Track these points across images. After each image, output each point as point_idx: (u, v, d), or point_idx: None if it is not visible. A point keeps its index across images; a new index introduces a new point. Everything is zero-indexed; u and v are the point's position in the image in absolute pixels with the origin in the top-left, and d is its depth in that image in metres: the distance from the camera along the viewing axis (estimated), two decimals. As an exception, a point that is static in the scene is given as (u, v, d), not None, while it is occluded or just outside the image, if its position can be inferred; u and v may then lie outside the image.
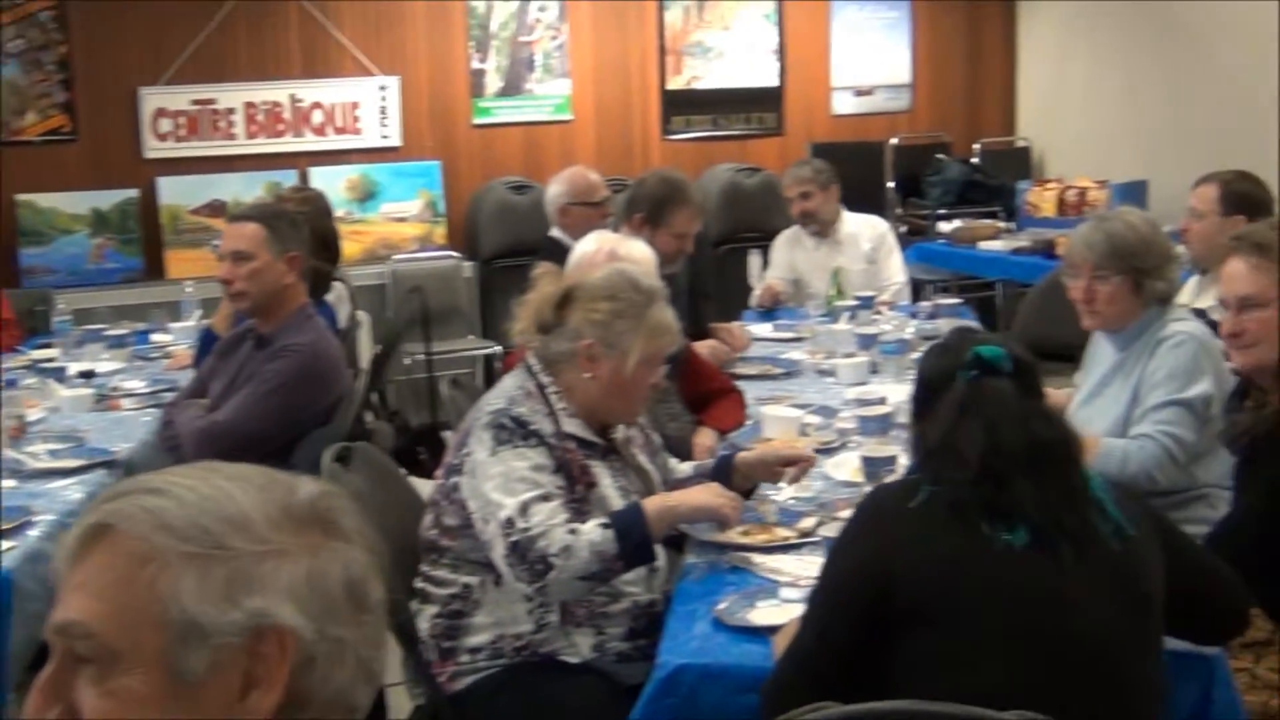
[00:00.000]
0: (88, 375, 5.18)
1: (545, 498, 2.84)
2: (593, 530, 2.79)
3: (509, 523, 2.79)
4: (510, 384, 3.06)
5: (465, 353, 8.11)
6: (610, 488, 3.03)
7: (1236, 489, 3.08)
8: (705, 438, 4.08)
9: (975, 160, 9.62)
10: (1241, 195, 4.68)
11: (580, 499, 2.95)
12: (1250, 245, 2.98)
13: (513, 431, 2.91)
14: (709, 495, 3.03)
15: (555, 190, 5.52)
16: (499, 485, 2.84)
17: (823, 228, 6.47)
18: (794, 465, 3.32)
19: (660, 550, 3.02)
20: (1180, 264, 5.77)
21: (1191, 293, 4.63)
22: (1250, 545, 2.84)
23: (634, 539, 2.80)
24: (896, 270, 6.57)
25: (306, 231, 4.32)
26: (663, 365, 3.11)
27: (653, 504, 2.93)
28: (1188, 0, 8.43)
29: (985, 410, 2.23)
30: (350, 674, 1.31)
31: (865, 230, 6.55)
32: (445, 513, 3.00)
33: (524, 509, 2.80)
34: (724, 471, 3.33)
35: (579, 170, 5.65)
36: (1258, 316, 2.94)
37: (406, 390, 7.57)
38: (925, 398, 2.38)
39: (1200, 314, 3.92)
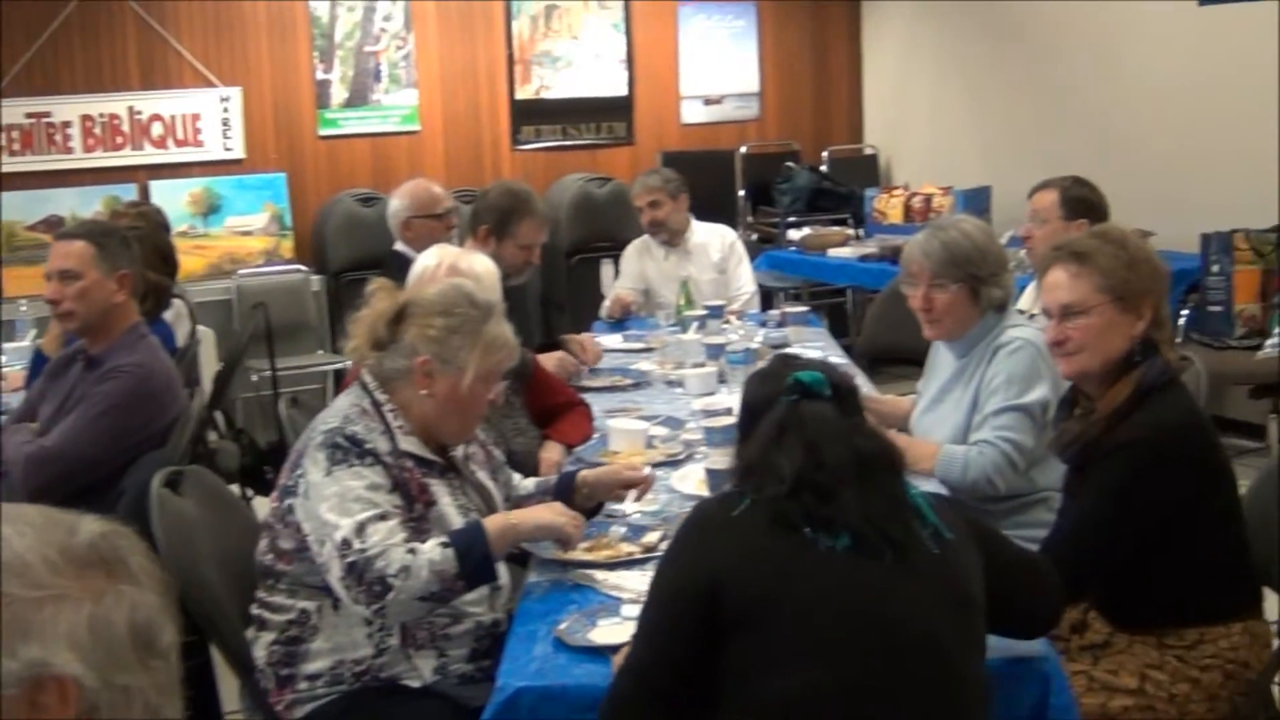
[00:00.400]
0: (-84, 400, 5.00)
1: (382, 517, 2.77)
2: (432, 549, 2.73)
3: (345, 544, 2.71)
4: (345, 403, 2.99)
5: (314, 368, 8.00)
6: (450, 506, 2.97)
7: (1066, 496, 3.11)
8: (551, 452, 4.03)
9: (824, 168, 9.71)
10: (1080, 200, 4.78)
11: (419, 518, 2.89)
12: (1070, 254, 3.02)
13: (348, 450, 2.84)
14: (551, 514, 2.99)
15: (397, 204, 5.45)
16: (334, 506, 2.77)
17: (672, 237, 6.47)
18: (634, 486, 3.29)
19: (503, 569, 2.97)
20: (1015, 271, 5.91)
21: (1031, 298, 4.70)
22: (1085, 551, 2.88)
23: (474, 558, 2.75)
24: (746, 280, 6.59)
25: (138, 249, 4.19)
26: (501, 381, 3.05)
27: (494, 522, 2.87)
28: (1027, 6, 8.60)
29: (805, 430, 2.27)
30: None
31: (715, 240, 6.57)
32: (280, 536, 2.92)
33: (360, 529, 2.73)
34: (566, 489, 3.30)
35: (421, 183, 5.58)
36: (1080, 324, 2.98)
37: (254, 408, 7.42)
38: (747, 422, 2.41)
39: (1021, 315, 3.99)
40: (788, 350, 4.12)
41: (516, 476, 3.46)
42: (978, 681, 2.24)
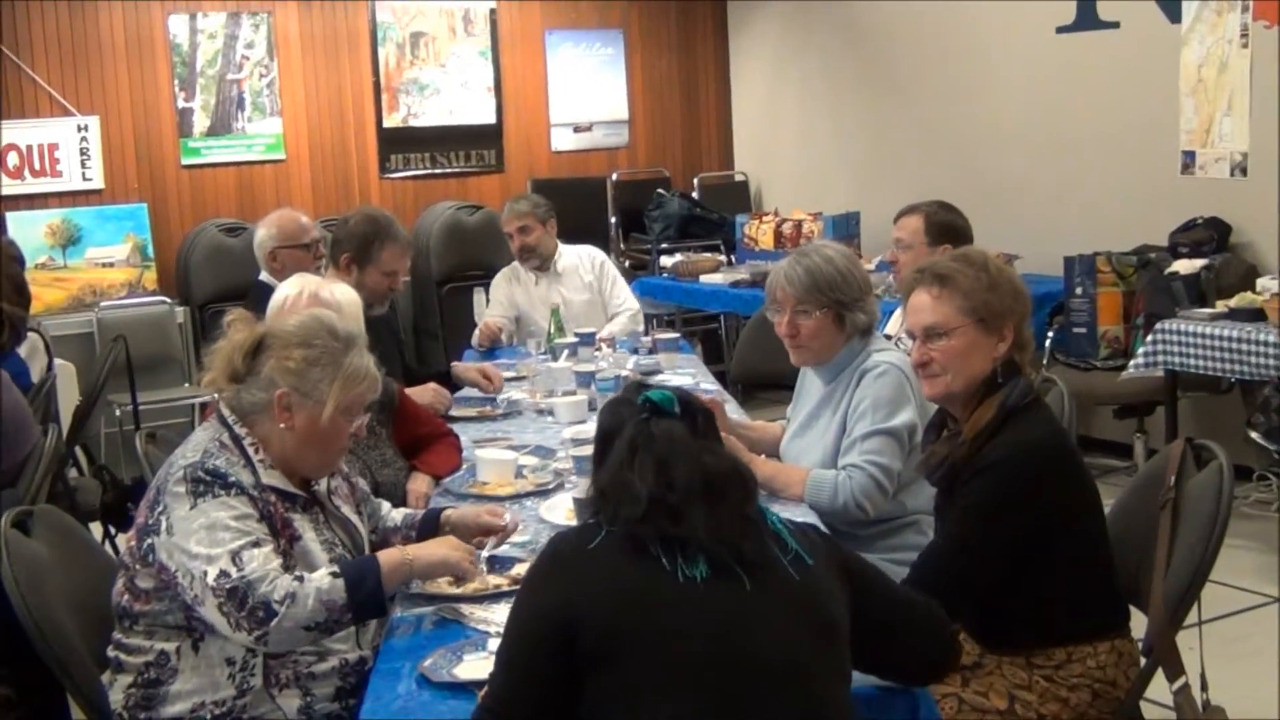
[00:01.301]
0: None
1: (256, 544, 2.70)
2: (322, 578, 2.68)
3: (222, 574, 2.64)
4: (203, 437, 2.91)
5: (180, 402, 7.85)
6: (314, 541, 2.91)
7: (937, 519, 3.12)
8: (419, 483, 3.98)
9: (695, 194, 9.74)
10: (944, 225, 4.83)
11: (284, 554, 2.81)
12: (932, 276, 3.05)
13: (210, 483, 2.76)
14: (446, 549, 2.94)
15: (262, 234, 5.34)
16: (204, 538, 2.69)
17: (543, 262, 6.47)
18: (494, 533, 3.25)
19: (381, 605, 2.91)
20: (884, 295, 5.97)
21: (898, 323, 4.74)
22: (952, 573, 2.88)
23: (364, 591, 2.70)
24: (626, 295, 6.69)
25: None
26: (363, 414, 2.99)
27: (389, 557, 2.82)
28: (892, 35, 8.71)
29: (655, 448, 2.26)
30: None
31: (584, 261, 6.61)
32: (138, 576, 2.82)
33: (235, 557, 2.66)
34: (431, 525, 3.27)
35: (287, 212, 5.48)
36: (942, 346, 3.00)
37: (118, 443, 7.25)
38: (601, 450, 2.39)
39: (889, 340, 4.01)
40: (641, 379, 4.13)
41: (385, 506, 3.41)
42: (842, 709, 2.22)
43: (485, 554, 3.20)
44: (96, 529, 5.46)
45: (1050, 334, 6.79)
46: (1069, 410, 3.83)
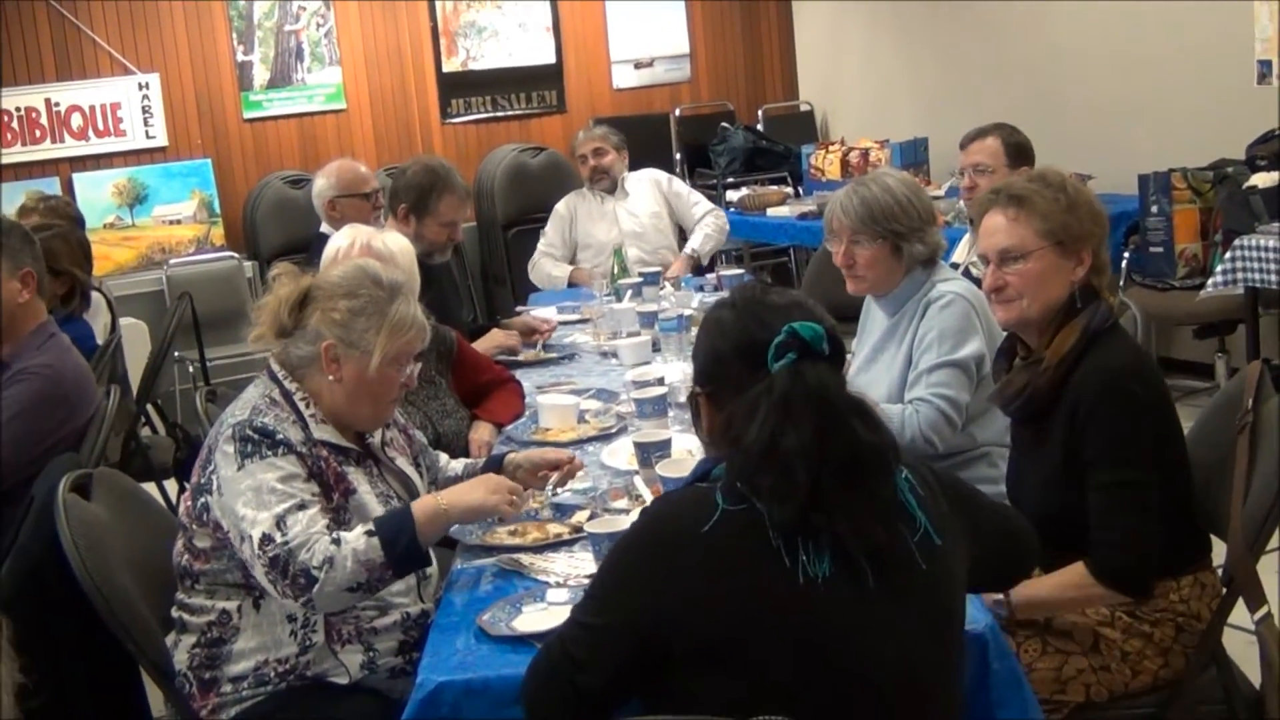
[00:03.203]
0: None
1: (301, 506, 2.67)
2: (357, 539, 2.64)
3: (266, 539, 2.61)
4: (253, 394, 2.88)
5: (253, 356, 7.84)
6: (369, 495, 2.87)
7: (1019, 450, 3.01)
8: (482, 432, 3.95)
9: (759, 127, 9.61)
10: (1021, 145, 4.81)
11: (338, 508, 2.79)
12: (1008, 197, 2.91)
13: (258, 442, 2.73)
14: (483, 493, 2.87)
15: (321, 184, 5.32)
16: (251, 500, 2.66)
17: (612, 184, 6.62)
18: (557, 470, 3.20)
19: (431, 556, 2.87)
20: (954, 222, 5.84)
21: (966, 249, 4.65)
22: (1056, 511, 2.77)
23: (401, 546, 2.65)
24: (700, 198, 6.83)
25: (39, 247, 4.02)
26: (414, 363, 2.94)
27: (424, 507, 2.77)
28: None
29: (811, 412, 1.94)
30: None
31: (648, 180, 6.75)
32: (196, 536, 2.81)
33: (279, 522, 2.63)
34: (493, 472, 3.21)
35: (346, 162, 5.46)
36: (1018, 269, 2.87)
37: (189, 400, 7.28)
38: (731, 370, 2.07)
39: (957, 268, 3.91)
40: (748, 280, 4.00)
41: (444, 457, 3.38)
42: (955, 703, 2.08)
43: (549, 491, 3.17)
44: (172, 487, 5.49)
45: (1126, 254, 6.63)
46: (1143, 334, 3.72)
